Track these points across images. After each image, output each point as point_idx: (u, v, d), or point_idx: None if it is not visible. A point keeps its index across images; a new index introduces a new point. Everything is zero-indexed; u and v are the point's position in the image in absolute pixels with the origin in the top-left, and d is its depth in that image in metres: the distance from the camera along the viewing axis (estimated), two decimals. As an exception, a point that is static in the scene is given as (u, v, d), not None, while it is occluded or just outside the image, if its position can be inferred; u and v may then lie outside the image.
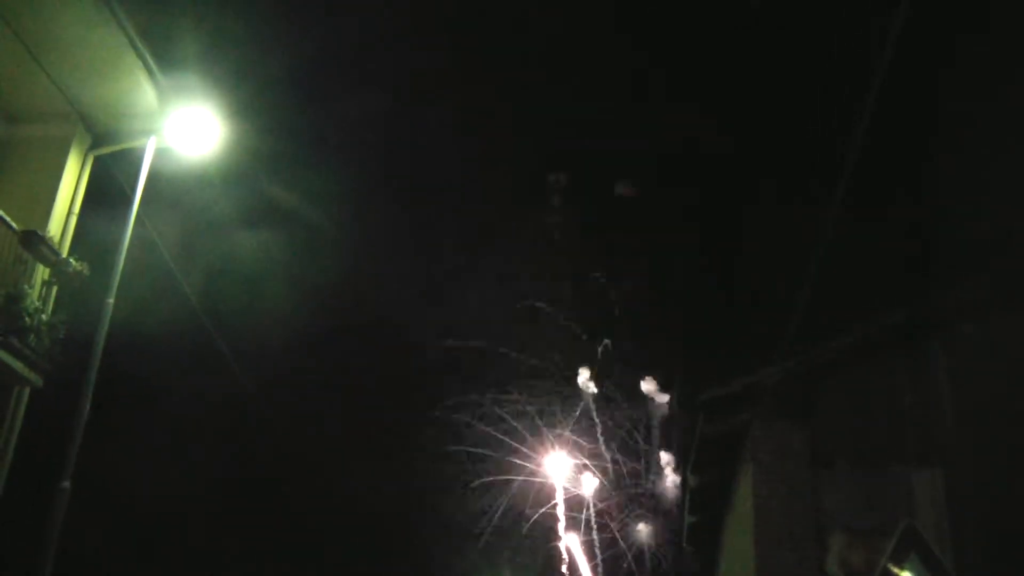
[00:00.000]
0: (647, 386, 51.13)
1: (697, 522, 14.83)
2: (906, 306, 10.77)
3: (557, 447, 53.85)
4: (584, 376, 53.61)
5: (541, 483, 54.55)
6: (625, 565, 51.59)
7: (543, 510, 53.82)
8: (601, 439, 53.95)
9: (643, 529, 50.39)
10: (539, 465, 54.32)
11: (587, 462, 53.98)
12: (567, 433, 54.16)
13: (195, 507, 27.74)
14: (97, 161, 14.60)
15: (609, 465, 53.70)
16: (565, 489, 54.52)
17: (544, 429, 53.41)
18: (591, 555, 53.43)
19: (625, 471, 53.53)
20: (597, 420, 53.71)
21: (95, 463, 14.02)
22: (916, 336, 10.58)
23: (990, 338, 10.27)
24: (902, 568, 5.96)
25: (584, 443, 54.42)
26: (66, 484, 12.08)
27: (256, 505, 31.26)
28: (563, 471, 54.16)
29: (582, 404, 53.58)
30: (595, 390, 53.97)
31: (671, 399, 47.21)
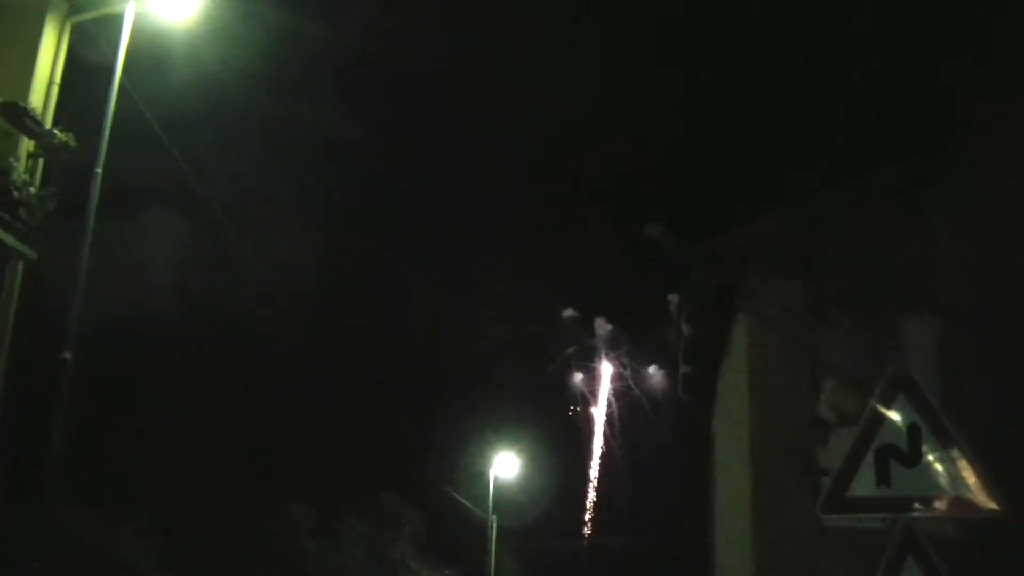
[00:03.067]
0: (652, 230, 51.36)
1: (692, 372, 14.97)
2: (903, 158, 10.74)
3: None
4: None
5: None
6: (640, 411, 52.76)
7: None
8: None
9: (654, 374, 51.26)
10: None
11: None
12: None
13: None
14: (77, 29, 14.27)
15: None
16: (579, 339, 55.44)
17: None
18: (605, 401, 54.56)
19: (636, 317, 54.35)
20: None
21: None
22: (913, 188, 10.56)
23: (987, 189, 10.28)
24: (891, 408, 6.04)
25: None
26: (67, 355, 12.15)
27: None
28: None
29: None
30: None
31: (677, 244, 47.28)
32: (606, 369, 55.63)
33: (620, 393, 55.12)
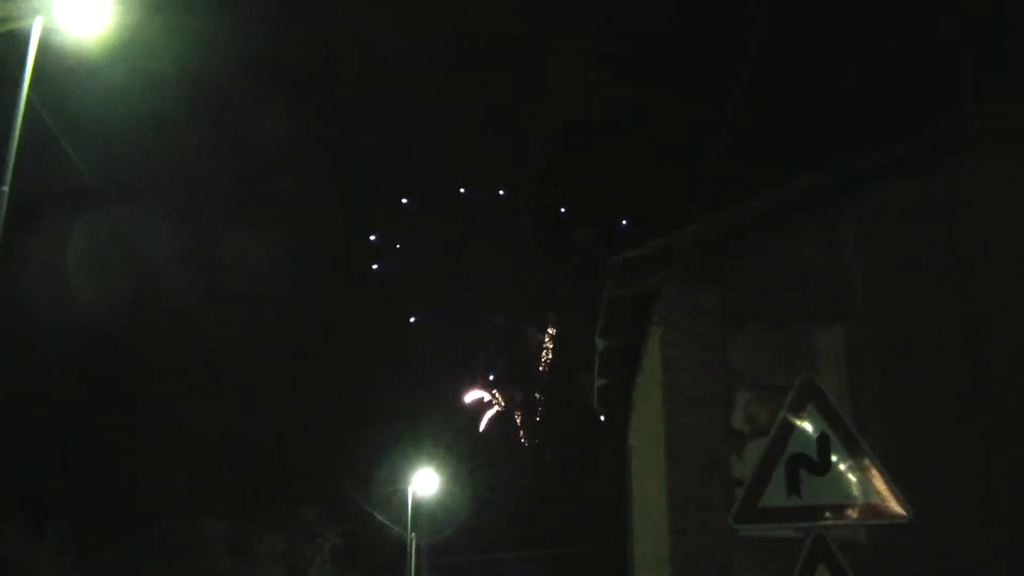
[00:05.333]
0: (584, 235, 51.70)
1: (607, 385, 15.03)
2: (816, 170, 10.97)
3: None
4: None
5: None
6: (569, 422, 52.82)
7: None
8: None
9: (586, 382, 51.43)
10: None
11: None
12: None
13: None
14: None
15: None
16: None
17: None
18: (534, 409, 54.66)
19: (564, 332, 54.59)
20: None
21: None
22: (825, 199, 10.80)
23: (896, 202, 10.58)
24: (800, 418, 6.17)
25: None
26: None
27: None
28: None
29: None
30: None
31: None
32: (536, 378, 55.80)
33: (550, 403, 55.25)
